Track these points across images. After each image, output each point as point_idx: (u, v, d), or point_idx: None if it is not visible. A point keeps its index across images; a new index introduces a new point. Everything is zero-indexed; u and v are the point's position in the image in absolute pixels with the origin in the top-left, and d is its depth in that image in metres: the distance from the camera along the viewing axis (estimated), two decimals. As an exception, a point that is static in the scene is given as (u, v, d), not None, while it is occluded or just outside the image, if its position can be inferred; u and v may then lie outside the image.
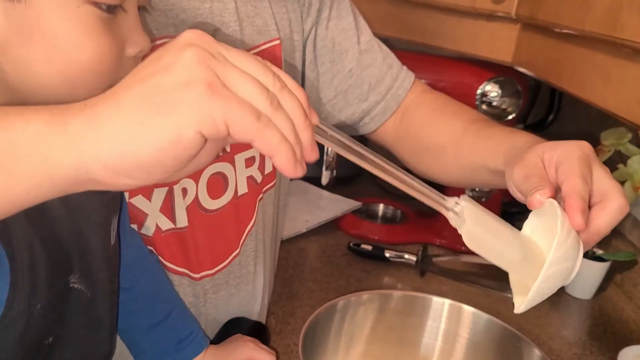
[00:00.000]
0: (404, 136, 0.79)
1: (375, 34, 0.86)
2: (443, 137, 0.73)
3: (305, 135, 0.35)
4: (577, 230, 0.45)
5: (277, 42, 0.68)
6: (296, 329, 0.84)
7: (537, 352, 0.55)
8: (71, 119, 0.32)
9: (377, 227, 1.20)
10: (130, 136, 0.32)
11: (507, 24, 0.93)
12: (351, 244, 1.06)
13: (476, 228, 0.46)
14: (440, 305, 0.62)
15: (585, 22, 0.67)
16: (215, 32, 0.63)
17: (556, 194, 0.48)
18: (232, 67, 0.33)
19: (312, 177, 1.25)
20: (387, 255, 1.04)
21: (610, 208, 0.47)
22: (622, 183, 0.97)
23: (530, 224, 0.49)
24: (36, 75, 0.40)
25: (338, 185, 1.22)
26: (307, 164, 0.37)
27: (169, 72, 0.32)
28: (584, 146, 0.51)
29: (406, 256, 1.04)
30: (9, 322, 0.40)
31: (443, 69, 1.10)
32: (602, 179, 0.48)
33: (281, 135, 0.33)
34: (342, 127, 0.81)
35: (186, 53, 0.32)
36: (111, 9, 0.41)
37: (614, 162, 0.98)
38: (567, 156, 0.49)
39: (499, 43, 0.96)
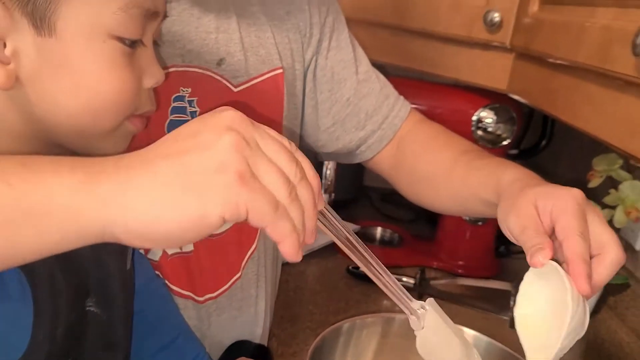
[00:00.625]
0: (399, 165, 0.81)
1: (375, 61, 0.88)
2: (435, 167, 0.76)
3: (311, 224, 0.38)
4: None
5: (280, 70, 0.71)
6: (297, 352, 0.85)
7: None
8: (105, 181, 0.34)
9: (375, 250, 1.20)
10: (158, 209, 0.34)
11: (502, 53, 0.96)
12: (350, 267, 1.08)
13: (432, 336, 0.49)
14: (442, 329, 0.63)
15: (578, 54, 0.70)
16: (221, 61, 0.65)
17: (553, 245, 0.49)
18: (263, 157, 0.36)
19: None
20: (386, 278, 1.05)
21: (608, 261, 0.48)
22: (614, 207, 0.99)
23: (530, 283, 0.50)
24: (62, 106, 0.42)
25: (336, 209, 1.23)
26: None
27: (205, 153, 0.34)
28: (577, 196, 0.51)
29: (404, 279, 1.05)
30: (34, 348, 0.41)
31: (440, 96, 1.13)
32: (598, 229, 0.49)
33: (292, 226, 0.36)
34: (340, 154, 0.84)
35: (224, 138, 0.34)
36: (133, 44, 0.43)
37: (606, 187, 1.00)
38: (563, 211, 0.49)
39: (494, 71, 0.99)
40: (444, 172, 0.74)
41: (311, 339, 0.61)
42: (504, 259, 1.22)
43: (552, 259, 0.48)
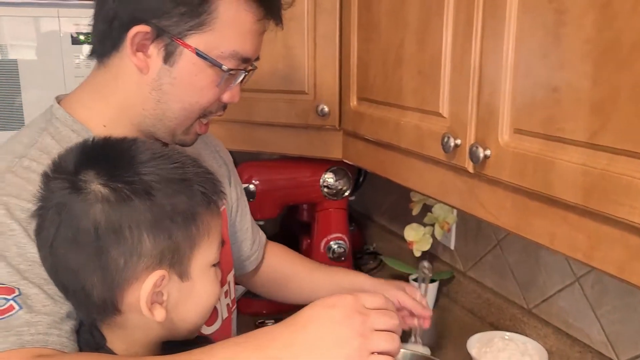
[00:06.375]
0: (264, 271, 1.12)
1: (231, 149, 1.12)
2: (299, 269, 1.10)
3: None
4: None
5: (224, 207, 0.94)
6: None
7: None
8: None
9: (264, 301, 1.45)
10: None
11: (334, 132, 1.26)
12: (257, 322, 1.30)
13: None
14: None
15: (400, 141, 1.01)
16: None
17: None
18: (377, 336, 0.57)
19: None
20: (287, 323, 1.30)
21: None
22: (433, 225, 1.38)
23: None
24: (185, 318, 0.63)
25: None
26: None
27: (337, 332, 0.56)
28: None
29: (300, 319, 1.31)
30: None
31: (293, 169, 1.42)
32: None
33: None
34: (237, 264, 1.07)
35: (353, 321, 0.56)
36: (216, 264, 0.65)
37: (425, 211, 1.38)
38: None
39: (329, 146, 1.29)
40: (306, 273, 1.08)
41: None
42: (361, 280, 1.55)
43: None
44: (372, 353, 0.57)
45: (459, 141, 0.85)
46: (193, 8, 0.70)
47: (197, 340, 0.67)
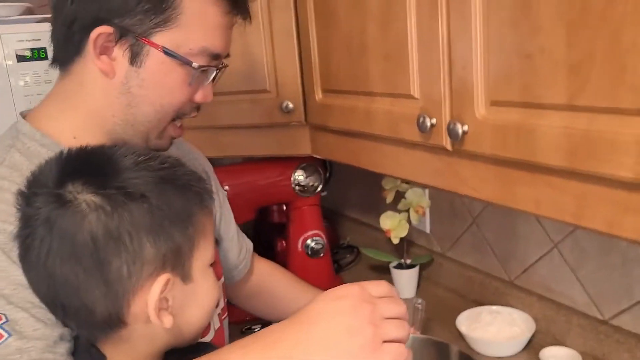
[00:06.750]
0: (252, 286, 1.10)
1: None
2: (287, 290, 1.10)
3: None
4: None
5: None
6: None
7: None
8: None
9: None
10: None
11: (301, 127, 1.25)
12: (244, 329, 1.28)
13: None
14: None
15: (372, 128, 1.01)
16: None
17: None
18: (387, 324, 0.56)
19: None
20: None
21: None
22: (407, 211, 1.38)
23: None
24: (190, 322, 0.61)
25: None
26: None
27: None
28: None
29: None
30: None
31: (262, 170, 1.40)
32: None
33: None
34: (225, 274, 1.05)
35: (362, 312, 0.54)
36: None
37: (398, 198, 1.39)
38: None
39: (297, 142, 1.28)
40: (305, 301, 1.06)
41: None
42: (341, 274, 1.55)
43: None
44: (384, 342, 0.55)
45: (434, 120, 0.86)
46: (156, 4, 0.68)
47: (199, 347, 0.65)
